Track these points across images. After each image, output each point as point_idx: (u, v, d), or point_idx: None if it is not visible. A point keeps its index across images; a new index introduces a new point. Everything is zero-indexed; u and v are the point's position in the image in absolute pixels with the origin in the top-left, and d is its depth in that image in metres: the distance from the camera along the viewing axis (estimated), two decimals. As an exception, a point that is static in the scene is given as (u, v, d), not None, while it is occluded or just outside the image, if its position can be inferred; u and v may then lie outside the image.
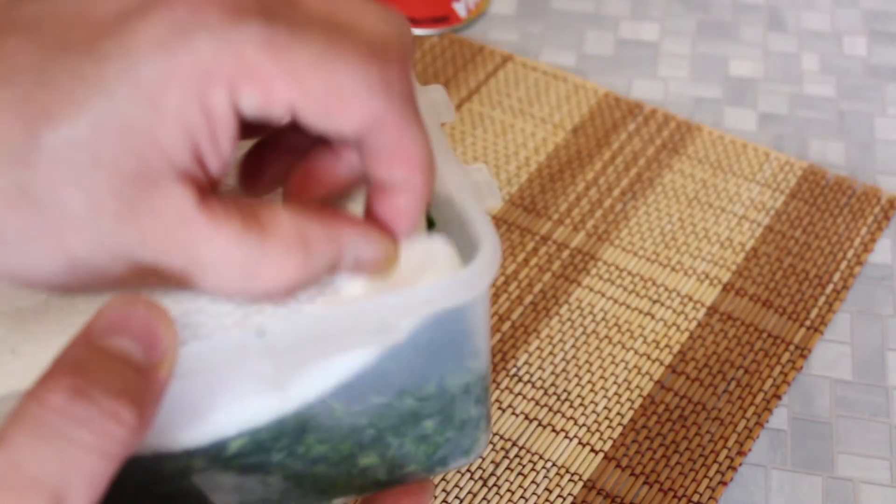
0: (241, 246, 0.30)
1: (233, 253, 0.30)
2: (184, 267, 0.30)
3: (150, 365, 0.28)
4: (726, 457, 0.51)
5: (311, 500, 0.37)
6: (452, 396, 0.36)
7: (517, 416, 0.53)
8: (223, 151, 0.30)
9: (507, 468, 0.51)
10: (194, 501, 0.31)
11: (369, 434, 0.35)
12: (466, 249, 0.34)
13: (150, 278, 0.30)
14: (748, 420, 0.53)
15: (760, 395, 0.54)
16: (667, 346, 0.56)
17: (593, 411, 0.53)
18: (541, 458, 0.52)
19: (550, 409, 0.53)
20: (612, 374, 0.55)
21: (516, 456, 0.51)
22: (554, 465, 0.51)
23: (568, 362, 0.55)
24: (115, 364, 0.28)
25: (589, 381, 0.54)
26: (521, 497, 0.50)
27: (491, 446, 0.52)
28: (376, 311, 0.32)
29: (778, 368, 0.55)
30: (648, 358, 0.55)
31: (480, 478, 0.51)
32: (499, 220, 0.61)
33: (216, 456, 0.33)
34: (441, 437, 0.37)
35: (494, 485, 0.50)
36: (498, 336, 0.56)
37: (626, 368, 0.55)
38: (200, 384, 0.31)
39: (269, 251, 0.31)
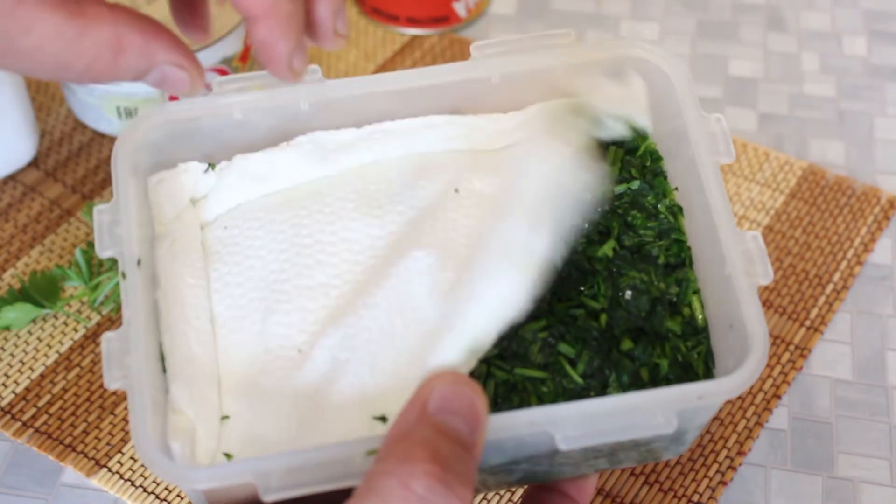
0: (58, 38, 0.34)
1: (49, 43, 0.34)
2: (4, 52, 0.34)
3: (473, 443, 0.32)
4: (726, 457, 0.51)
5: (538, 482, 0.42)
6: (686, 431, 0.40)
7: (517, 415, 0.53)
8: None
9: (507, 468, 0.51)
10: None
11: (605, 452, 0.39)
12: (727, 313, 0.39)
13: None
14: (748, 420, 0.53)
15: (760, 395, 0.54)
16: (667, 345, 0.56)
17: (593, 411, 0.53)
18: (541, 457, 0.52)
19: (550, 409, 0.53)
20: (612, 373, 0.55)
21: (516, 456, 0.51)
22: (554, 464, 0.51)
23: (568, 362, 0.55)
24: (455, 446, 0.31)
25: (589, 381, 0.54)
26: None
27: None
28: (656, 406, 0.36)
29: (778, 368, 0.55)
30: (648, 358, 0.55)
31: (480, 478, 0.51)
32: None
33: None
34: (664, 449, 0.41)
35: (494, 485, 0.50)
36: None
37: (626, 368, 0.55)
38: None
39: (83, 48, 0.34)
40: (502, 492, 0.50)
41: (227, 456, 0.38)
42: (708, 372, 0.41)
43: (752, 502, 0.50)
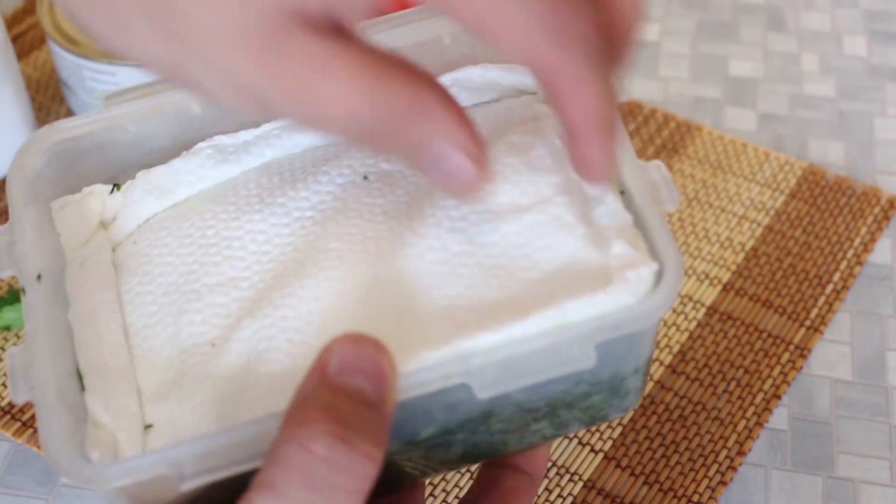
0: (351, 95, 0.30)
1: (340, 100, 0.30)
2: (293, 101, 0.30)
3: (380, 401, 0.31)
4: (726, 457, 0.51)
5: (484, 457, 0.41)
6: (622, 378, 0.39)
7: (517, 416, 0.53)
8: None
9: (507, 468, 0.51)
10: (386, 470, 0.34)
11: (544, 410, 0.39)
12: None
13: (254, 106, 0.30)
14: (748, 420, 0.53)
15: (760, 395, 0.54)
16: (667, 346, 0.56)
17: (593, 411, 0.53)
18: (541, 458, 0.52)
19: (550, 409, 0.53)
20: (612, 374, 0.55)
21: (516, 456, 0.51)
22: (554, 464, 0.51)
23: (568, 362, 0.55)
24: (357, 405, 0.30)
25: (589, 381, 0.54)
26: (521, 497, 0.50)
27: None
28: (571, 341, 0.35)
29: (778, 368, 0.55)
30: (648, 358, 0.55)
31: (480, 478, 0.51)
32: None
33: (409, 441, 0.37)
34: (606, 404, 0.40)
35: (494, 485, 0.50)
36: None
37: (626, 368, 0.55)
38: (407, 403, 0.34)
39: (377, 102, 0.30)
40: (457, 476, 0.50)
41: None
42: None
43: (752, 502, 0.50)
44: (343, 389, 0.30)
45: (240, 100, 0.30)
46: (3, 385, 0.54)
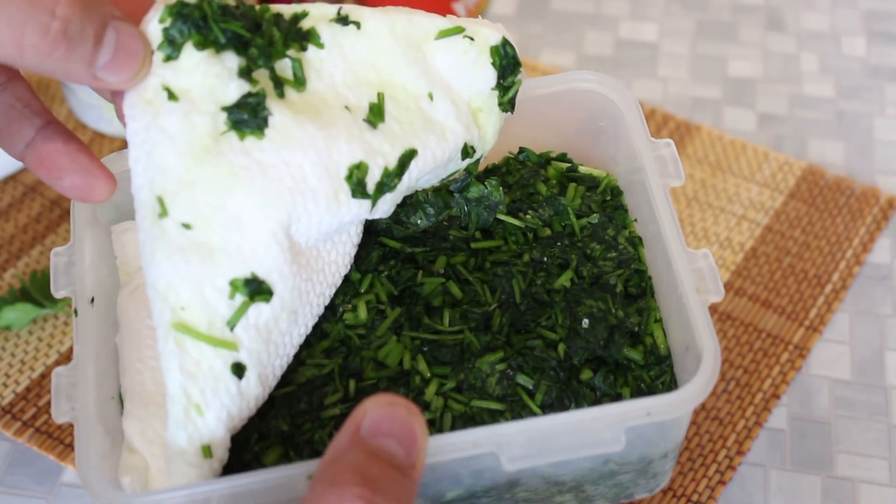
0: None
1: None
2: None
3: (410, 465, 0.32)
4: (725, 456, 0.51)
5: None
6: (651, 461, 0.40)
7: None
8: None
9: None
10: None
11: (570, 485, 0.39)
12: (683, 335, 0.38)
13: None
14: (747, 420, 0.53)
15: (759, 395, 0.54)
16: (666, 345, 0.56)
17: (593, 411, 0.53)
18: (540, 457, 0.52)
19: (550, 409, 0.53)
20: (612, 373, 0.55)
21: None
22: (553, 464, 0.51)
23: (567, 362, 0.55)
24: (387, 468, 0.31)
25: (588, 381, 0.54)
26: (521, 496, 0.50)
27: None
28: (603, 423, 0.35)
29: (777, 368, 0.55)
30: (648, 358, 0.55)
31: (480, 477, 0.51)
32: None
33: (434, 501, 0.38)
34: (633, 484, 0.41)
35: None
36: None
37: (625, 368, 0.55)
38: (435, 465, 0.35)
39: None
40: None
41: None
42: None
43: (752, 502, 0.50)
44: (375, 452, 0.31)
45: None
46: (4, 385, 0.54)
